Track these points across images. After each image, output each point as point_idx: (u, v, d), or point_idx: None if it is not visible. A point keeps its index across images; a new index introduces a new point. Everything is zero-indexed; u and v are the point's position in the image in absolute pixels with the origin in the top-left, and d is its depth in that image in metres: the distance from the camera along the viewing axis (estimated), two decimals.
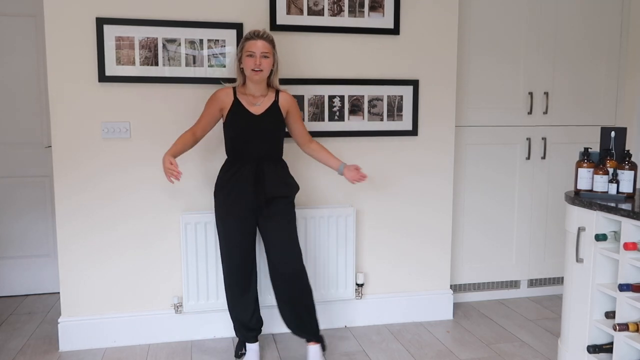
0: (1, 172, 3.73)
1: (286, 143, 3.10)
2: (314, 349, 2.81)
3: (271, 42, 2.66)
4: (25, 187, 3.76)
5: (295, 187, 2.83)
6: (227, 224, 2.74)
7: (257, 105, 2.70)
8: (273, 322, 3.19)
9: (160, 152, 3.01)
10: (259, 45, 2.62)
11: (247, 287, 2.82)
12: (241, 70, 2.70)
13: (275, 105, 2.73)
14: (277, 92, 2.76)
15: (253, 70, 2.62)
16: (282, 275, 2.74)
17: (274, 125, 2.73)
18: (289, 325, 2.84)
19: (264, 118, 2.69)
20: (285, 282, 2.75)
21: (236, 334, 2.95)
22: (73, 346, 3.03)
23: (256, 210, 2.71)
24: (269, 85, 2.74)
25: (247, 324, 2.85)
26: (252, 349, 2.88)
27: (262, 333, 3.00)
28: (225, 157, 2.81)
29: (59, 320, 3.03)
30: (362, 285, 3.31)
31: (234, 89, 2.73)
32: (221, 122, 2.80)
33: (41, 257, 3.83)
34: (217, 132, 3.07)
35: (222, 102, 2.71)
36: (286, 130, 2.86)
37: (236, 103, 2.69)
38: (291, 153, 3.15)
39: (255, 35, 2.64)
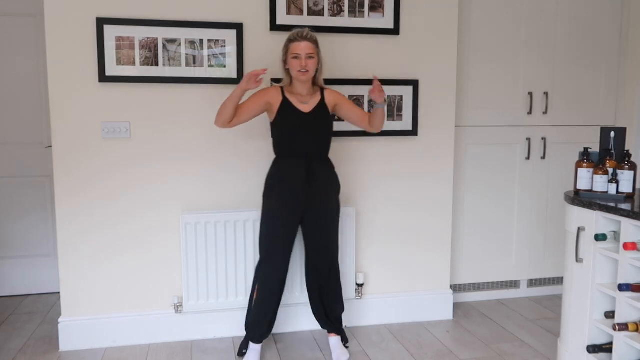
0: (1, 172, 3.73)
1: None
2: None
3: (315, 42, 2.73)
4: (26, 187, 3.76)
5: (339, 186, 2.92)
6: (275, 222, 2.78)
7: (306, 104, 2.75)
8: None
9: (160, 152, 3.03)
10: (303, 47, 2.68)
11: (280, 286, 2.87)
12: (287, 71, 2.76)
13: (322, 103, 2.79)
14: (322, 90, 2.83)
15: (299, 71, 2.68)
16: (318, 270, 2.88)
17: (323, 123, 2.80)
18: (317, 316, 2.99)
19: (313, 116, 2.75)
20: (320, 276, 2.89)
21: (246, 330, 2.92)
22: (73, 346, 3.03)
23: (303, 209, 2.77)
24: (314, 84, 2.81)
25: (262, 324, 2.86)
26: (254, 349, 2.88)
27: None
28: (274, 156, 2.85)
29: (59, 320, 3.03)
30: (362, 285, 3.31)
31: (282, 88, 2.78)
32: (266, 122, 2.87)
33: (41, 257, 3.83)
34: (217, 132, 3.07)
35: (271, 97, 2.74)
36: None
37: (285, 101, 2.73)
38: None
39: (300, 36, 2.69)
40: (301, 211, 2.79)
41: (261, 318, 2.86)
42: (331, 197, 2.86)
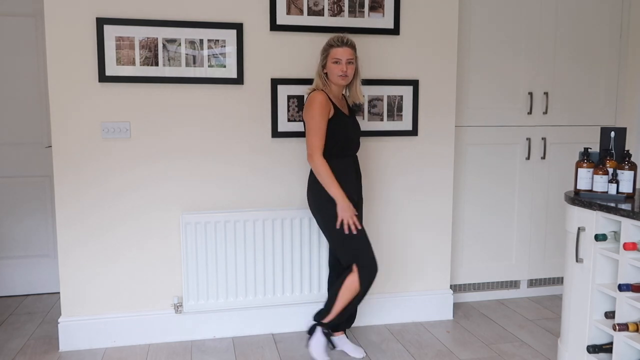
0: (1, 172, 3.73)
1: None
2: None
3: (354, 47, 2.78)
4: (26, 187, 3.76)
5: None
6: (357, 218, 2.78)
7: (344, 109, 2.87)
8: (274, 322, 3.19)
9: (160, 152, 3.02)
10: (345, 52, 2.73)
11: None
12: (324, 75, 2.80)
13: (351, 108, 2.94)
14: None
15: (340, 76, 2.73)
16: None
17: (359, 126, 2.95)
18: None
19: (354, 119, 2.92)
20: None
21: (329, 324, 2.87)
22: (73, 346, 3.03)
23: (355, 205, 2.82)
24: (348, 89, 2.90)
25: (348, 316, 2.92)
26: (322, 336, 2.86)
27: (262, 333, 3.04)
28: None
29: (59, 320, 3.03)
30: None
31: (325, 93, 2.77)
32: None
33: (41, 257, 3.83)
34: (217, 132, 3.07)
35: (329, 107, 2.74)
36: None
37: (336, 107, 2.79)
38: (296, 153, 3.16)
39: (340, 42, 2.74)
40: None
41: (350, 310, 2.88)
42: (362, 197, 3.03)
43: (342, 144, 2.80)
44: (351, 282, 2.77)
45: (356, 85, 2.85)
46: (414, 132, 3.31)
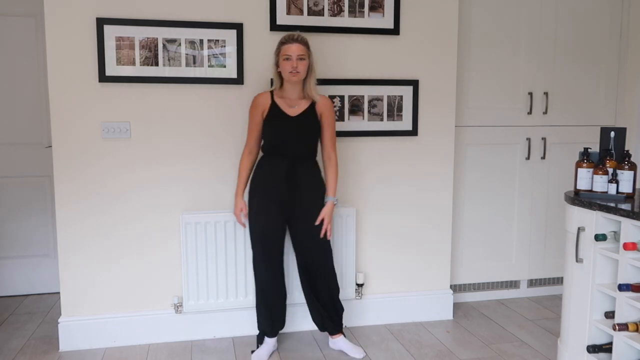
0: (1, 172, 3.73)
1: None
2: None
3: (306, 44, 2.76)
4: (26, 187, 3.76)
5: (324, 189, 2.92)
6: (260, 219, 2.83)
7: (294, 108, 2.80)
8: None
9: (160, 151, 3.02)
10: (294, 49, 2.71)
11: (274, 284, 2.92)
12: (278, 74, 2.79)
13: (312, 107, 2.82)
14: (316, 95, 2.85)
15: (290, 72, 2.71)
16: (308, 271, 2.92)
17: (308, 128, 2.82)
18: (315, 319, 3.02)
19: (300, 120, 2.79)
20: (310, 277, 2.92)
21: (258, 326, 3.00)
22: (73, 346, 3.03)
23: (286, 209, 2.81)
24: (304, 89, 2.83)
25: (269, 320, 2.94)
26: (267, 342, 2.96)
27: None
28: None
29: (59, 320, 3.03)
30: (362, 285, 3.31)
31: (272, 92, 2.83)
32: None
33: (41, 257, 3.83)
34: (217, 132, 3.07)
35: (262, 107, 2.83)
36: None
37: (273, 105, 2.79)
38: None
39: (291, 39, 2.74)
40: (284, 210, 2.82)
41: (265, 316, 2.93)
42: (315, 198, 2.88)
43: (270, 144, 2.82)
44: None
45: (310, 83, 2.81)
46: (414, 132, 3.31)
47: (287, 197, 2.80)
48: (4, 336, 3.20)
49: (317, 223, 2.83)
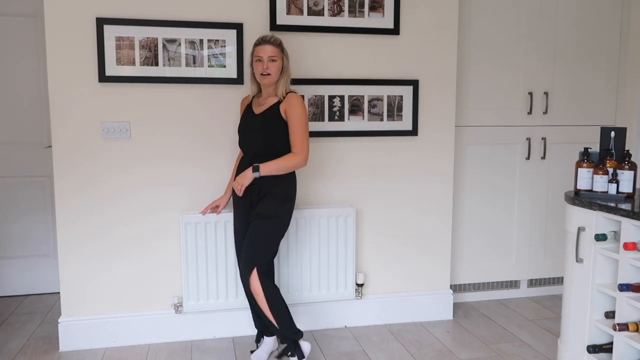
0: (1, 172, 3.73)
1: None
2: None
3: (279, 46, 2.72)
4: (26, 187, 3.76)
5: (280, 191, 2.74)
6: (234, 216, 2.87)
7: (260, 106, 2.77)
8: None
9: (160, 152, 3.03)
10: (267, 50, 2.68)
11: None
12: (253, 77, 2.78)
13: (276, 105, 2.72)
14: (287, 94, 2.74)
15: (262, 74, 2.68)
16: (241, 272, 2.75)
17: (267, 124, 2.70)
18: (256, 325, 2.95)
19: (261, 117, 2.73)
20: (242, 278, 2.74)
21: (255, 326, 2.96)
22: (73, 346, 3.03)
23: (247, 207, 2.77)
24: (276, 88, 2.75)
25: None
26: (267, 342, 2.92)
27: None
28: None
29: (59, 320, 3.03)
30: (362, 285, 3.31)
31: (250, 94, 2.86)
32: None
33: (41, 257, 3.83)
34: (217, 132, 3.07)
35: (243, 107, 2.90)
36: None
37: (249, 105, 2.83)
38: None
39: (263, 40, 2.71)
40: (246, 207, 2.77)
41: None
42: (264, 198, 2.71)
43: (239, 141, 2.83)
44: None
45: (280, 84, 2.71)
46: (414, 132, 3.31)
47: (247, 198, 2.74)
48: (4, 336, 3.20)
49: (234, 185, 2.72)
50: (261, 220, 2.70)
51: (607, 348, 2.44)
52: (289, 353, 2.73)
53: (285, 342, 2.76)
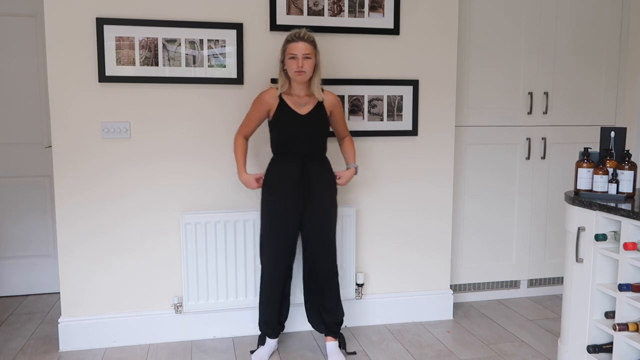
0: (1, 172, 3.73)
1: None
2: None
3: (312, 43, 2.72)
4: (26, 187, 3.76)
5: (336, 186, 2.90)
6: (275, 220, 2.80)
7: (303, 106, 2.76)
8: None
9: (160, 152, 3.03)
10: (300, 47, 2.67)
11: (281, 284, 2.89)
12: (284, 73, 2.76)
13: (320, 105, 2.79)
14: (322, 91, 2.81)
15: (296, 72, 2.68)
16: (318, 273, 2.87)
17: (319, 125, 2.80)
18: (312, 320, 2.99)
19: (310, 118, 2.76)
20: (319, 278, 2.88)
21: (259, 327, 2.97)
22: (73, 346, 3.03)
23: (300, 208, 2.78)
24: (310, 86, 2.79)
25: (272, 320, 2.91)
26: (268, 343, 2.94)
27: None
28: (271, 155, 2.87)
29: (59, 320, 3.03)
30: (362, 285, 3.31)
31: (278, 90, 2.79)
32: (265, 124, 2.91)
33: (41, 257, 3.83)
34: (217, 132, 3.07)
35: (268, 105, 2.79)
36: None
37: (282, 104, 2.76)
38: None
39: (297, 37, 2.70)
40: (298, 210, 2.78)
41: (267, 312, 2.90)
42: (327, 197, 2.85)
43: (282, 143, 2.79)
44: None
45: (315, 82, 2.76)
46: (414, 132, 3.31)
47: (300, 197, 2.77)
48: (4, 336, 3.20)
49: (338, 180, 2.86)
50: (332, 214, 2.87)
51: (607, 348, 2.44)
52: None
53: (338, 336, 2.95)
